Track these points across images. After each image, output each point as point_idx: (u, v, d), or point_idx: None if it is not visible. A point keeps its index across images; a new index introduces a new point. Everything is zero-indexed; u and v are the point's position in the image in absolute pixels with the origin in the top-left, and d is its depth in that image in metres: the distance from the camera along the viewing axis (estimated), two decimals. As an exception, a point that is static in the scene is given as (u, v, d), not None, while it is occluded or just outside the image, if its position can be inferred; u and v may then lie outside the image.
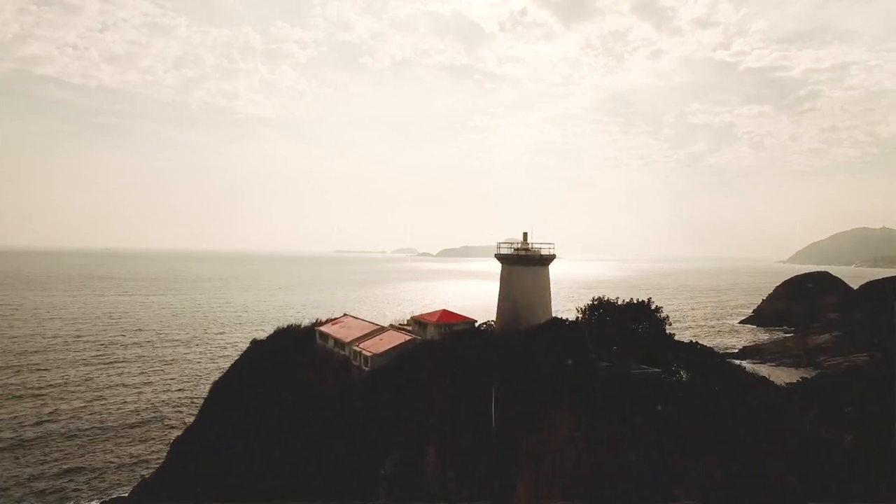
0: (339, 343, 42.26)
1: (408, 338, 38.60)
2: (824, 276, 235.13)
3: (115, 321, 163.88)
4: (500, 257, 43.86)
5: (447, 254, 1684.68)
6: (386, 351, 36.90)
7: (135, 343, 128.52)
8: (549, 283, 40.07)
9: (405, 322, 46.55)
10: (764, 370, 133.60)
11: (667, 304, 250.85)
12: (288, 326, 52.03)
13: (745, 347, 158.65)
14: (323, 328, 45.76)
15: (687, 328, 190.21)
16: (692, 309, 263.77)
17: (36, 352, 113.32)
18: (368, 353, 37.73)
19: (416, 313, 44.96)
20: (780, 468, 25.31)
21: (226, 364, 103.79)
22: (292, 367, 40.73)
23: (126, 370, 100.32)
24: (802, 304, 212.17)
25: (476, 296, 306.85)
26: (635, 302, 41.04)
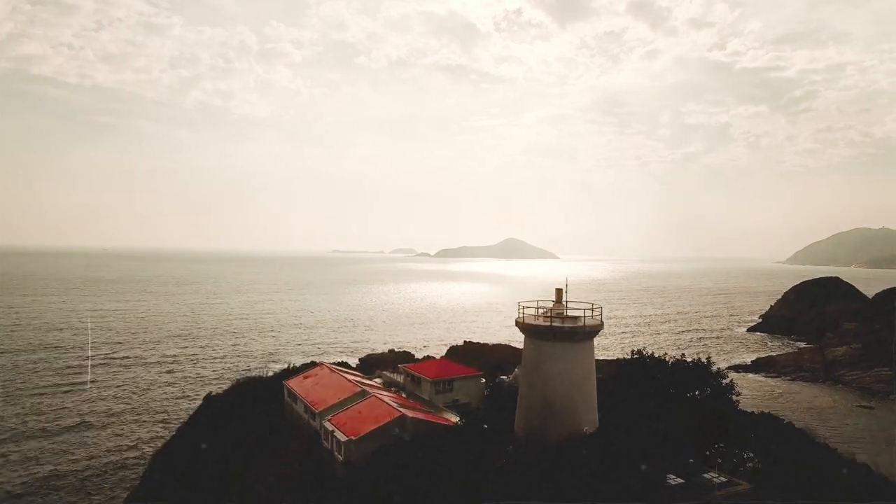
0: (308, 409, 33.96)
1: (395, 413, 29.97)
2: (835, 281, 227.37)
3: (95, 331, 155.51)
4: (523, 328, 29.45)
5: (445, 254, 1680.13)
6: (366, 435, 28.53)
7: (111, 359, 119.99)
8: (594, 368, 27.77)
9: (395, 372, 38.38)
10: (780, 385, 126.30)
11: (671, 308, 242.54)
12: (250, 379, 43.52)
13: (757, 359, 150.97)
14: (291, 383, 37.24)
15: (700, 339, 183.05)
16: (699, 315, 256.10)
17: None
18: (343, 438, 29.38)
19: (408, 364, 36.85)
20: None
21: (200, 391, 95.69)
22: (245, 446, 32.38)
23: (88, 398, 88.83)
24: (814, 311, 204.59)
25: (472, 299, 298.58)
26: (689, 362, 32.47)
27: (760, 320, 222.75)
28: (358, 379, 35.13)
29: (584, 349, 27.11)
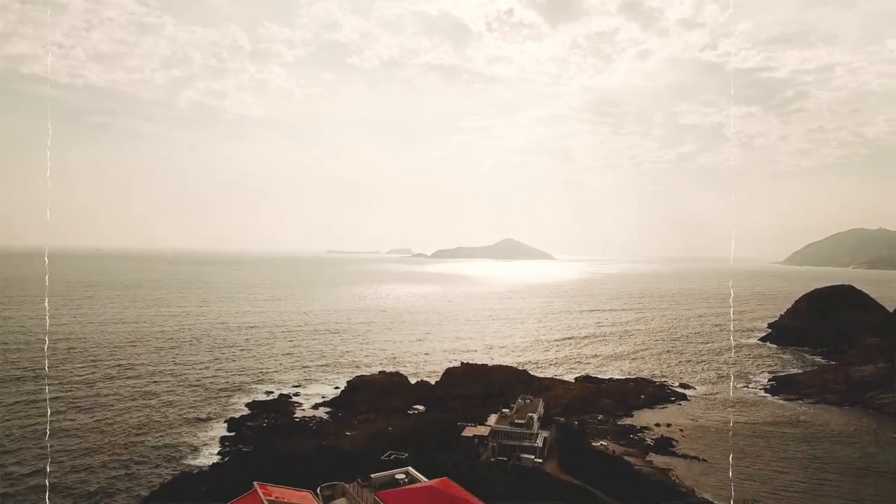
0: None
1: None
2: (848, 290, 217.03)
3: (66, 350, 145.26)
4: None
5: (442, 254, 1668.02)
6: None
7: (70, 393, 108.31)
8: None
9: (366, 487, 27.44)
10: (806, 410, 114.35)
11: (675, 314, 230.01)
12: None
13: (776, 377, 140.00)
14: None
15: (712, 355, 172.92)
16: (704, 322, 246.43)
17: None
18: None
19: (380, 477, 25.65)
20: None
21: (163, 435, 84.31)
22: None
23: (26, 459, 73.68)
24: (828, 322, 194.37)
25: (470, 306, 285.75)
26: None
27: (770, 330, 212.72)
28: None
29: None
